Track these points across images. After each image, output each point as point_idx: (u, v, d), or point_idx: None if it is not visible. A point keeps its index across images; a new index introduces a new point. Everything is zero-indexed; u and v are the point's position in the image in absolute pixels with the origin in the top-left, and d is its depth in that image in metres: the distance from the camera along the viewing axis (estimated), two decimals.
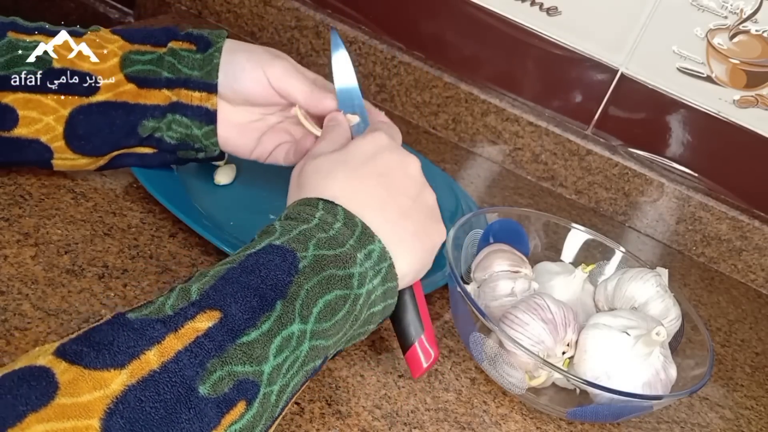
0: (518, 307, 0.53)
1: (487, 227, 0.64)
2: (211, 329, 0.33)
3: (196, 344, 0.32)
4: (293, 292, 0.36)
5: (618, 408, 0.51)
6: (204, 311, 0.34)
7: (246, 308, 0.34)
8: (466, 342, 0.55)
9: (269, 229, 0.41)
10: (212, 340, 0.33)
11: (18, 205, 0.52)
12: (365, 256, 0.41)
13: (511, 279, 0.57)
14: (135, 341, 0.31)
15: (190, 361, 0.32)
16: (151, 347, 0.31)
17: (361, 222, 0.42)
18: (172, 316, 0.33)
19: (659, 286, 0.58)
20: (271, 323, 0.35)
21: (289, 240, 0.39)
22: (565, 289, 0.60)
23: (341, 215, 0.42)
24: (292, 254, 0.38)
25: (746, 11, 0.77)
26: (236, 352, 0.33)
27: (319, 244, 0.39)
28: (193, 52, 0.53)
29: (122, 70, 0.51)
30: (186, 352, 0.32)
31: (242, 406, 0.33)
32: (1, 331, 0.43)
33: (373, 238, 0.42)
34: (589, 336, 0.53)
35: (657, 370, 0.52)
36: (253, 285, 0.36)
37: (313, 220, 0.41)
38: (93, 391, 0.29)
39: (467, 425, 0.51)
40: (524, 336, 0.51)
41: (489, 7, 0.85)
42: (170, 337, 0.32)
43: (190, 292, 0.35)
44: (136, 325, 0.32)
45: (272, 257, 0.37)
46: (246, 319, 0.34)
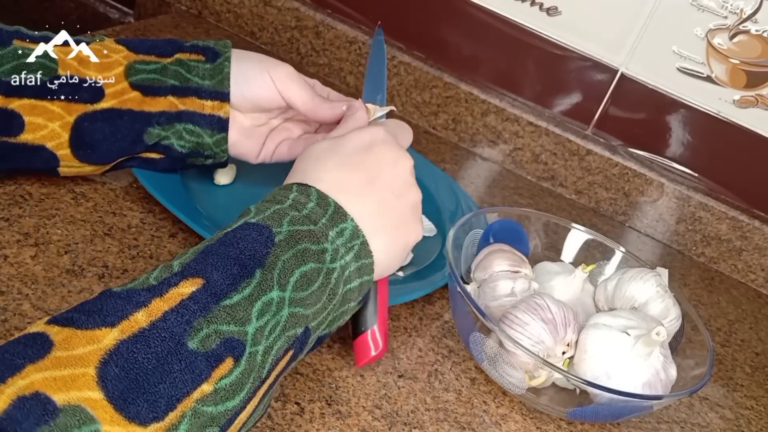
0: (518, 307, 0.53)
1: (487, 227, 0.64)
2: (195, 293, 0.35)
3: (181, 306, 0.34)
4: (270, 262, 0.38)
5: (618, 408, 0.51)
6: (187, 278, 0.35)
7: (227, 275, 0.36)
8: (466, 342, 0.55)
9: (245, 212, 0.42)
10: (197, 302, 0.34)
11: (18, 205, 0.52)
12: (337, 234, 0.42)
13: (511, 279, 0.57)
14: (123, 306, 0.33)
15: (177, 320, 0.33)
16: (138, 309, 0.33)
17: (334, 202, 0.43)
18: (156, 285, 0.35)
19: (659, 286, 0.58)
20: (252, 288, 0.36)
21: (264, 218, 0.41)
22: (565, 289, 0.60)
23: (314, 195, 0.43)
24: (268, 229, 0.40)
25: (746, 11, 0.77)
26: (220, 313, 0.35)
27: (292, 221, 0.41)
28: (203, 62, 0.54)
29: (127, 78, 0.52)
30: (173, 312, 0.33)
31: (230, 362, 0.34)
32: (1, 331, 0.43)
33: (345, 216, 0.43)
34: (589, 336, 0.53)
35: (657, 370, 0.52)
36: (232, 255, 0.37)
37: (286, 201, 0.43)
38: (87, 345, 0.31)
39: (467, 425, 0.51)
40: (524, 336, 0.51)
41: (489, 7, 0.85)
42: (156, 300, 0.34)
43: (172, 266, 0.36)
44: (122, 294, 0.34)
45: (249, 232, 0.39)
46: (228, 284, 0.36)
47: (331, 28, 0.90)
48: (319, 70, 0.93)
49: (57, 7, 1.06)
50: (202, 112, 0.54)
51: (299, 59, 0.93)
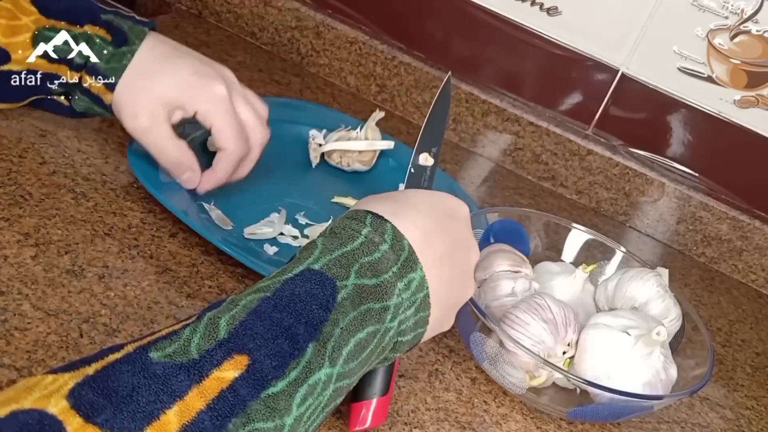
0: (519, 307, 0.53)
1: (488, 227, 0.64)
2: (237, 380, 0.31)
3: (219, 399, 0.30)
4: (327, 332, 0.34)
5: (618, 408, 0.51)
6: (231, 356, 0.31)
7: (275, 353, 0.32)
8: (467, 342, 0.55)
9: (310, 247, 0.38)
10: (236, 395, 0.30)
11: (18, 206, 0.52)
12: (405, 286, 0.39)
13: (511, 279, 0.57)
14: (156, 394, 0.29)
15: (211, 423, 0.29)
16: (172, 404, 0.29)
17: (409, 245, 0.39)
18: (197, 361, 0.30)
19: (659, 286, 0.58)
20: (299, 371, 0.33)
21: (330, 264, 0.36)
22: (565, 289, 0.60)
23: (389, 234, 0.39)
24: (332, 283, 0.35)
25: (747, 11, 0.77)
26: (260, 407, 0.31)
27: (361, 270, 0.37)
28: (107, 42, 0.53)
29: (33, 46, 0.53)
30: (208, 412, 0.29)
31: None
32: (1, 331, 0.42)
33: (416, 264, 0.39)
34: (589, 336, 0.53)
35: (657, 370, 0.52)
36: (285, 324, 0.33)
37: (358, 237, 0.38)
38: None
39: (468, 425, 0.51)
40: (525, 336, 0.51)
41: (489, 7, 0.85)
42: (193, 391, 0.29)
43: (218, 327, 0.32)
44: (158, 370, 0.29)
45: (310, 286, 0.35)
46: (274, 366, 0.32)
47: (332, 28, 0.90)
48: (320, 70, 0.93)
49: None
50: (89, 89, 0.55)
51: (299, 59, 0.93)
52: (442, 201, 0.45)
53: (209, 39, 0.91)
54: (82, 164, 0.58)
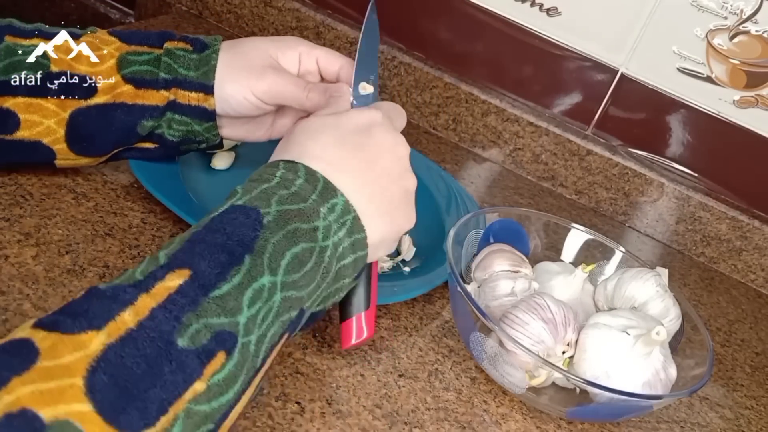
0: (518, 307, 0.53)
1: (487, 227, 0.64)
2: (183, 286, 0.34)
3: (169, 301, 0.33)
4: (260, 246, 0.37)
5: (618, 407, 0.51)
6: (173, 271, 0.34)
7: (215, 264, 0.35)
8: (467, 341, 0.55)
9: (232, 193, 0.41)
10: (185, 296, 0.33)
11: (19, 205, 0.52)
12: (328, 210, 0.41)
13: (511, 279, 0.57)
14: (109, 305, 0.32)
15: (165, 317, 0.32)
16: (125, 308, 0.32)
17: (323, 177, 0.42)
18: (142, 281, 0.34)
19: (659, 286, 0.58)
20: (241, 276, 0.35)
21: (251, 199, 0.40)
22: (565, 288, 0.60)
23: (302, 172, 0.42)
24: (256, 211, 0.39)
25: (746, 12, 0.77)
26: (210, 305, 0.34)
27: (281, 200, 0.40)
28: (189, 51, 0.53)
29: (119, 71, 0.52)
30: (160, 309, 0.32)
31: (222, 357, 0.33)
32: (1, 331, 0.43)
33: (335, 192, 0.42)
34: (589, 335, 0.53)
35: (657, 369, 0.52)
36: (219, 242, 0.36)
37: (274, 179, 0.41)
38: (73, 352, 0.30)
39: (467, 424, 0.51)
40: (524, 336, 0.52)
41: (489, 7, 0.85)
42: (143, 297, 0.33)
43: (158, 258, 0.35)
44: (108, 292, 0.33)
45: (236, 215, 0.38)
46: (216, 273, 0.35)
47: (332, 28, 0.90)
48: None
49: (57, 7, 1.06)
50: (188, 103, 0.53)
51: None
52: (347, 122, 0.47)
53: None
54: None
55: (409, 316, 0.59)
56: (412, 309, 0.59)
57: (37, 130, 0.50)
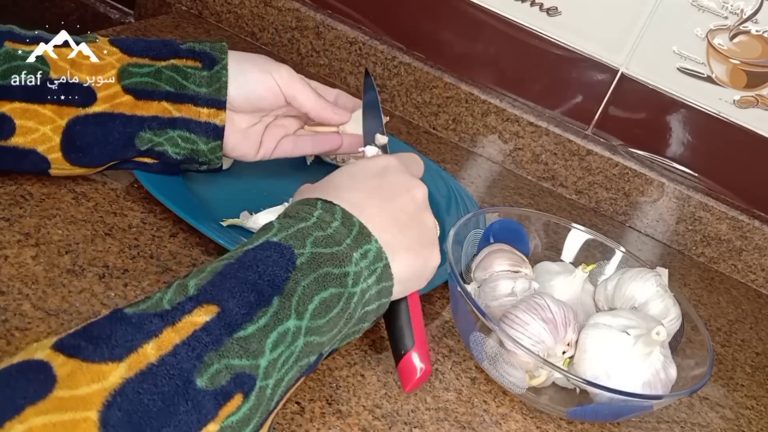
0: (518, 307, 0.53)
1: (487, 227, 0.64)
2: (209, 323, 0.33)
3: (193, 338, 0.32)
4: (290, 288, 0.37)
5: (618, 407, 0.51)
6: (201, 305, 0.34)
7: (243, 303, 0.35)
8: (467, 342, 0.55)
9: (267, 227, 0.41)
10: (209, 334, 0.33)
11: (19, 205, 0.52)
12: (361, 256, 0.41)
13: (511, 279, 0.57)
14: (133, 335, 0.31)
15: (187, 354, 0.32)
16: (148, 341, 0.31)
17: (359, 221, 0.42)
18: (169, 311, 0.33)
19: (659, 286, 0.58)
20: (268, 318, 0.35)
21: (287, 237, 0.39)
22: (565, 288, 0.60)
23: (339, 214, 0.42)
24: (290, 251, 0.38)
25: (746, 12, 0.77)
26: (233, 346, 0.33)
27: (316, 242, 0.40)
28: (199, 69, 0.54)
29: (120, 81, 0.52)
30: (183, 346, 0.32)
31: (239, 399, 0.33)
32: (1, 331, 0.43)
33: (369, 237, 0.42)
34: (589, 335, 0.53)
35: (657, 369, 0.52)
36: (250, 280, 0.36)
37: (311, 218, 0.41)
38: (91, 383, 0.29)
39: (467, 425, 0.51)
40: (524, 336, 0.51)
41: (489, 7, 0.85)
42: (168, 330, 0.32)
43: (187, 288, 0.35)
44: (133, 319, 0.32)
45: (270, 253, 0.38)
46: (243, 314, 0.34)
47: (332, 28, 0.90)
48: (320, 70, 0.93)
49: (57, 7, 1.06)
50: (197, 119, 0.54)
51: (300, 60, 0.94)
52: (363, 169, 0.47)
53: (209, 39, 0.90)
54: None
55: None
56: None
57: (33, 137, 0.50)
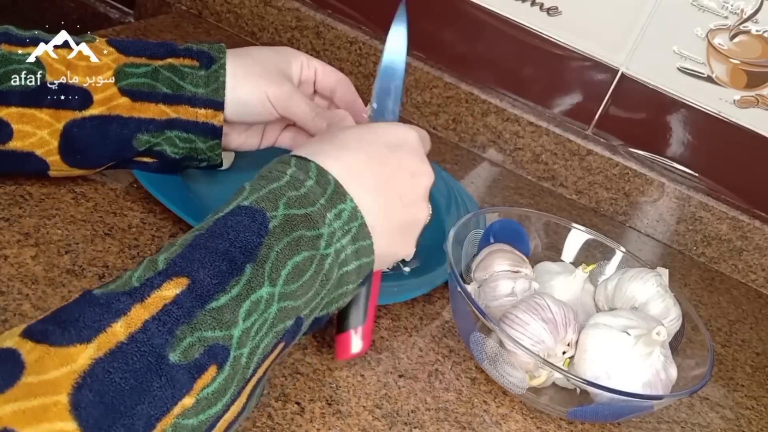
0: (519, 307, 0.53)
1: (488, 227, 0.64)
2: (179, 296, 0.33)
3: (164, 312, 0.32)
4: (263, 254, 0.36)
5: (618, 408, 0.51)
6: (171, 279, 0.33)
7: (215, 273, 0.34)
8: (467, 342, 0.55)
9: (239, 190, 0.40)
10: (180, 307, 0.32)
11: (18, 205, 0.52)
12: (335, 216, 0.40)
13: (511, 279, 0.57)
14: (100, 315, 0.31)
15: (158, 330, 0.31)
16: (117, 319, 0.31)
17: (334, 179, 0.41)
18: (138, 288, 0.33)
19: (659, 286, 0.58)
20: (240, 287, 0.35)
21: (258, 199, 0.39)
22: (565, 289, 0.60)
23: (314, 171, 0.41)
24: (262, 214, 0.38)
25: (747, 11, 0.77)
26: (205, 318, 0.33)
27: (289, 202, 0.39)
28: (197, 68, 0.53)
29: (116, 83, 0.51)
30: (154, 321, 0.31)
31: (213, 370, 0.33)
32: (1, 331, 0.42)
33: (344, 196, 0.41)
34: (589, 336, 0.53)
35: (657, 370, 0.52)
36: (221, 249, 0.35)
37: (284, 177, 0.40)
38: (60, 367, 0.29)
39: (468, 425, 0.51)
40: (525, 336, 0.51)
41: (489, 7, 0.85)
42: (136, 307, 0.32)
43: (157, 263, 0.34)
44: (101, 300, 0.32)
45: (241, 218, 0.37)
46: (215, 284, 0.34)
47: (332, 28, 0.90)
48: None
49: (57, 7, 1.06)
50: (195, 120, 0.53)
51: None
52: (379, 134, 0.46)
53: (209, 39, 0.91)
54: None
55: (409, 316, 0.59)
56: (412, 309, 0.59)
57: (30, 141, 0.50)
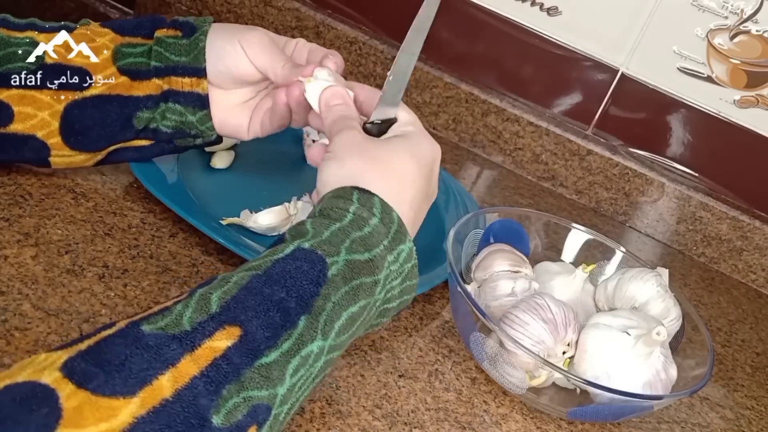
0: (519, 307, 0.53)
1: (488, 227, 0.64)
2: (230, 349, 0.31)
3: (212, 367, 0.30)
4: (319, 306, 0.35)
5: (618, 408, 0.51)
6: (223, 327, 0.32)
7: (267, 324, 0.33)
8: (467, 342, 0.55)
9: (300, 229, 0.39)
10: (230, 363, 0.31)
11: (18, 205, 0.52)
12: (394, 258, 0.39)
13: (511, 279, 0.57)
14: (148, 362, 0.29)
15: (205, 388, 0.30)
16: (164, 371, 0.29)
17: (398, 217, 0.40)
18: (189, 333, 0.31)
19: (659, 286, 0.58)
20: (292, 342, 0.33)
21: (320, 243, 0.37)
22: (565, 289, 0.60)
23: (378, 208, 0.40)
24: (322, 261, 0.36)
25: (747, 11, 0.77)
26: (253, 376, 0.31)
27: (352, 246, 0.37)
28: (179, 38, 0.53)
29: (114, 63, 0.51)
30: (202, 378, 0.30)
31: (253, 430, 0.31)
32: (1, 331, 0.42)
33: (405, 237, 0.40)
34: (589, 336, 0.53)
35: (657, 370, 0.52)
36: (276, 298, 0.34)
37: (347, 216, 0.39)
38: (99, 423, 0.27)
39: (467, 425, 0.51)
40: (525, 336, 0.51)
41: (489, 7, 0.85)
42: (186, 359, 0.30)
43: (210, 302, 0.33)
44: (151, 341, 0.30)
45: (300, 264, 0.35)
46: (267, 337, 0.32)
47: (332, 28, 0.90)
48: None
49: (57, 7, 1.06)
50: (181, 89, 0.52)
51: None
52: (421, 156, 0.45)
53: None
54: None
55: (409, 316, 0.58)
56: (412, 309, 0.59)
57: (31, 123, 0.50)
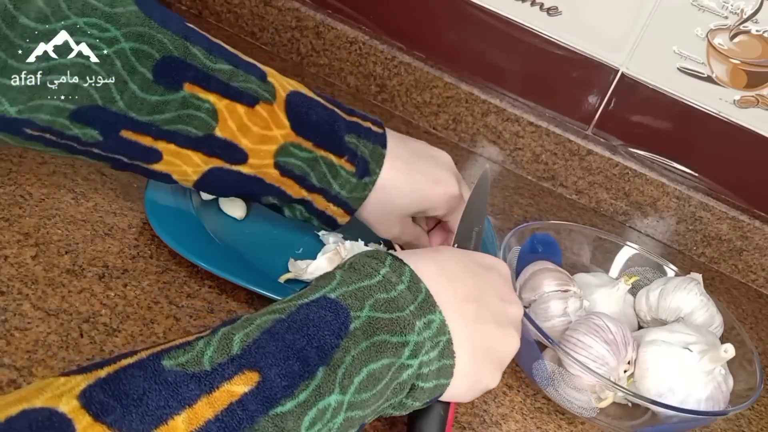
0: (578, 330, 0.53)
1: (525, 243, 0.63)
2: (246, 395, 0.31)
3: (228, 412, 0.30)
4: (338, 358, 0.35)
5: (684, 425, 0.52)
6: (243, 372, 0.32)
7: (286, 373, 0.33)
8: (529, 371, 0.55)
9: (328, 276, 0.39)
10: (245, 410, 0.31)
11: (18, 205, 0.52)
12: (425, 325, 0.39)
13: (562, 299, 0.57)
14: (166, 400, 0.29)
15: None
16: (180, 411, 0.29)
17: (426, 288, 0.40)
18: (209, 373, 0.31)
19: (702, 295, 0.59)
20: (309, 393, 0.33)
21: (345, 294, 0.37)
22: (608, 300, 0.60)
23: (407, 276, 0.40)
24: (345, 312, 0.36)
25: (747, 11, 0.77)
26: (267, 425, 0.31)
27: (376, 305, 0.37)
28: (352, 174, 0.52)
29: (275, 156, 0.50)
30: (216, 422, 0.30)
31: None
32: (1, 331, 0.42)
33: (434, 307, 0.39)
34: (648, 353, 0.53)
35: (719, 382, 0.52)
36: (297, 346, 0.34)
37: (375, 276, 0.39)
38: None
39: (467, 425, 0.51)
40: (589, 359, 0.51)
41: (489, 7, 0.85)
42: (203, 400, 0.30)
43: (232, 344, 0.33)
44: (170, 377, 0.30)
45: (324, 313, 0.36)
46: (284, 386, 0.32)
47: (332, 28, 0.90)
48: (320, 70, 0.93)
49: None
50: (324, 210, 0.53)
51: (299, 59, 0.93)
52: (475, 257, 0.46)
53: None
54: (81, 164, 0.58)
55: None
56: None
57: (173, 169, 0.49)
